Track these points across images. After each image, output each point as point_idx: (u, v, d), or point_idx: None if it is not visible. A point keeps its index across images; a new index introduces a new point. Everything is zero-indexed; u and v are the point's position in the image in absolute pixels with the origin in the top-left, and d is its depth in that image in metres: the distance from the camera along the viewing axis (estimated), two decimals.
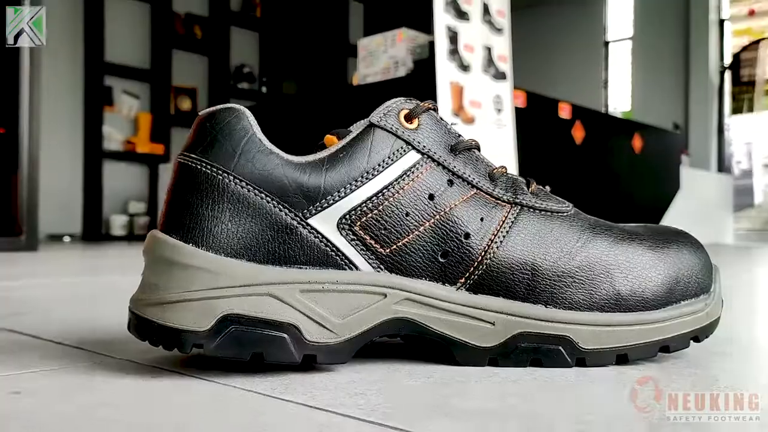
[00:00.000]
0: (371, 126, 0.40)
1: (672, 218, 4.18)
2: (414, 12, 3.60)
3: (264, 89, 4.97)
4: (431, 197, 0.40)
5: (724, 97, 5.77)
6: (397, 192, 0.40)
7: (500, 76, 3.22)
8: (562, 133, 3.64)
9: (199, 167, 0.38)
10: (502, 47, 3.26)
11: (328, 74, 5.06)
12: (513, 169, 3.09)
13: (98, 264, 1.77)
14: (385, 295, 0.39)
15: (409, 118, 0.41)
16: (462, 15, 3.06)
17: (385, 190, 0.39)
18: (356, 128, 0.41)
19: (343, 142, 0.40)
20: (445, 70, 2.91)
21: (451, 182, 0.41)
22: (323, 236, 0.39)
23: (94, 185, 4.04)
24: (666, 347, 0.42)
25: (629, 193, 3.93)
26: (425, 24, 3.01)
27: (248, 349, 0.37)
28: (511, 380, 0.38)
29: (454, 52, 3.00)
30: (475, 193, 0.41)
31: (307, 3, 5.09)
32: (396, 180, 0.40)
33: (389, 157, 0.40)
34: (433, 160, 0.41)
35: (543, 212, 0.43)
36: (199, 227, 0.38)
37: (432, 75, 2.86)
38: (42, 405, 0.32)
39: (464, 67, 3.02)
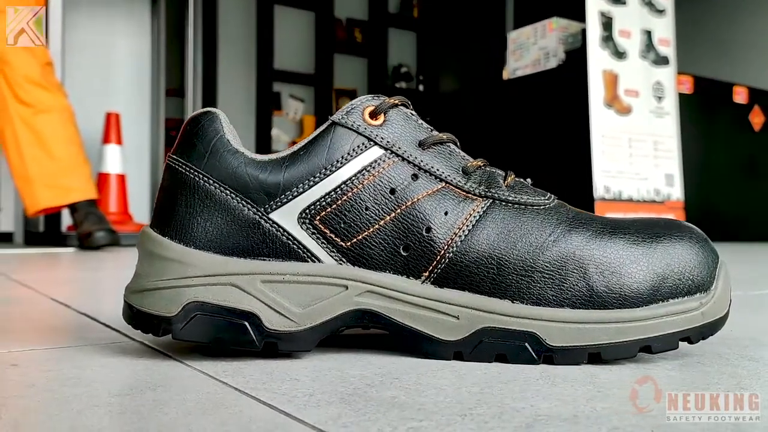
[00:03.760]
0: (333, 124, 0.42)
1: None
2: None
3: (421, 87, 5.05)
4: (393, 191, 0.41)
5: None
6: (356, 187, 0.41)
7: (662, 61, 3.01)
8: (737, 120, 3.34)
9: (177, 167, 0.42)
10: (665, 30, 3.05)
11: (484, 69, 5.03)
12: (675, 159, 2.89)
13: None
14: (347, 287, 0.41)
15: (374, 114, 0.42)
16: None
17: (343, 185, 0.41)
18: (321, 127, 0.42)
19: (306, 140, 0.42)
20: (597, 59, 2.79)
21: (415, 176, 0.41)
22: (285, 230, 0.41)
23: None
24: (648, 347, 0.39)
25: None
26: (578, 11, 2.88)
27: (210, 334, 0.40)
28: (459, 374, 0.37)
29: (607, 38, 2.86)
30: (443, 187, 0.41)
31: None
32: (355, 175, 0.41)
33: (348, 153, 0.41)
34: (397, 155, 0.41)
35: (516, 206, 0.42)
36: (175, 222, 0.41)
37: (584, 65, 2.74)
38: (22, 376, 0.37)
39: (619, 54, 2.86)
